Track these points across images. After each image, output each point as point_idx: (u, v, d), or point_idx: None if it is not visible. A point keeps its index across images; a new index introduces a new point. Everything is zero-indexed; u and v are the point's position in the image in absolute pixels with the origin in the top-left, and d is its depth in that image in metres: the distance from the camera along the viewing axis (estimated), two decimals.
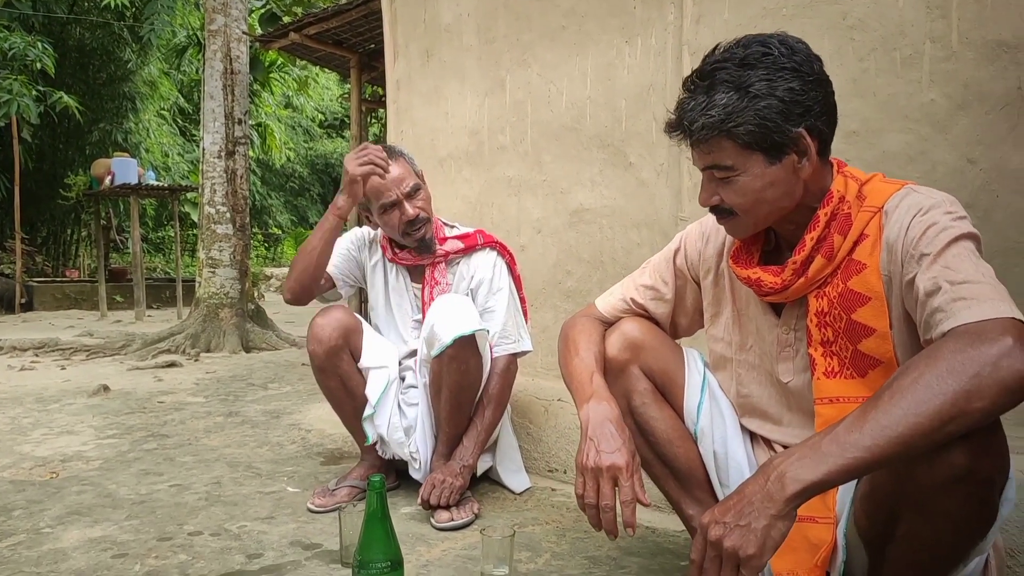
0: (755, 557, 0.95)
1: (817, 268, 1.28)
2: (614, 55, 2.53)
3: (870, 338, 1.25)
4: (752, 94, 1.19)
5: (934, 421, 0.93)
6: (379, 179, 2.16)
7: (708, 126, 1.22)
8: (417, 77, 3.34)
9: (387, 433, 2.23)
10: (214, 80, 6.75)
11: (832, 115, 1.28)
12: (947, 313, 1.05)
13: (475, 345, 2.09)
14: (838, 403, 1.28)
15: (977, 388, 0.93)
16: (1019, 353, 0.94)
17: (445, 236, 2.37)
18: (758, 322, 1.44)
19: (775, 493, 0.96)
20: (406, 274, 2.39)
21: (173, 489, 2.40)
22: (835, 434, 0.97)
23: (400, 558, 1.43)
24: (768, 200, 1.26)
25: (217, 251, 6.74)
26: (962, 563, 1.15)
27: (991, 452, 1.01)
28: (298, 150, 21.45)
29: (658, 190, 2.43)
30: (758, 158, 1.23)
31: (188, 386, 4.54)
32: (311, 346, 2.22)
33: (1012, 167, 1.68)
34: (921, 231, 1.17)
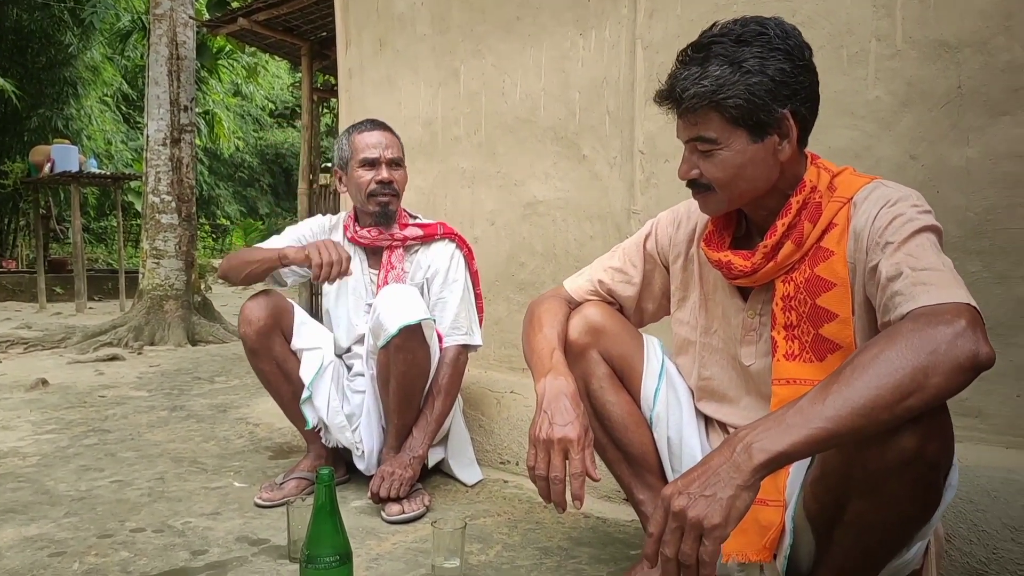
0: (720, 527, 0.95)
1: (786, 253, 1.31)
2: (568, 47, 2.53)
3: (832, 323, 1.28)
4: (745, 69, 1.23)
5: (894, 394, 0.96)
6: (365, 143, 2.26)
7: (699, 95, 1.25)
8: (370, 66, 3.29)
9: (327, 417, 2.21)
10: (159, 66, 6.56)
11: (815, 104, 1.31)
12: (907, 296, 1.09)
13: (422, 335, 2.08)
14: (794, 384, 1.31)
15: (933, 364, 0.96)
16: (972, 335, 0.99)
17: (407, 222, 2.36)
18: (725, 306, 1.47)
19: (742, 463, 0.97)
20: (364, 257, 2.37)
21: (114, 485, 2.33)
22: (799, 407, 0.99)
23: (349, 552, 1.41)
24: (746, 177, 1.29)
25: (162, 241, 6.57)
26: (905, 547, 1.19)
27: (938, 436, 1.05)
28: (247, 139, 21.02)
29: (611, 183, 2.44)
30: (742, 134, 1.26)
31: (131, 380, 4.42)
32: (242, 329, 2.20)
33: (952, 164, 1.73)
34: (887, 221, 1.21)
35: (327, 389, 2.22)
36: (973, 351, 0.97)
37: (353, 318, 2.35)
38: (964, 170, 1.71)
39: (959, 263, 1.70)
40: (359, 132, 2.31)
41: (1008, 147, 1.65)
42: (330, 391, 2.22)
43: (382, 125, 2.34)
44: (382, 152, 2.26)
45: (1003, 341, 1.67)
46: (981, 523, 1.54)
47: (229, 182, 21.46)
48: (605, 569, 1.72)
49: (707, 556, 0.96)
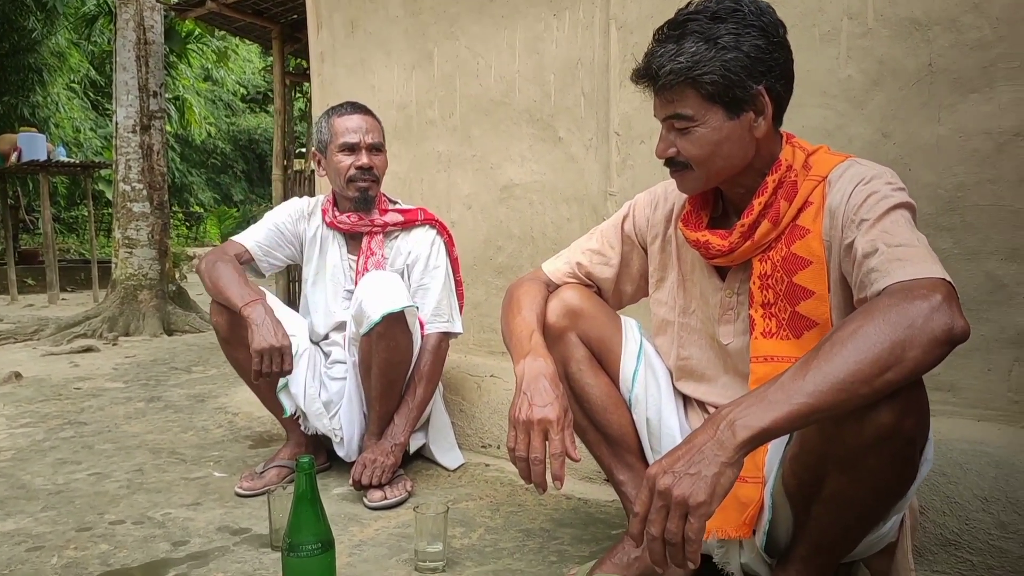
0: (705, 504, 0.96)
1: (763, 232, 1.32)
2: (542, 29, 2.51)
3: (809, 300, 1.30)
4: (720, 45, 1.23)
5: (873, 368, 0.97)
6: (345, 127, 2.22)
7: (675, 71, 1.25)
8: (342, 49, 3.25)
9: (304, 404, 2.20)
10: (127, 51, 6.43)
11: (790, 82, 1.32)
12: (883, 272, 1.10)
13: (404, 322, 2.07)
14: (772, 362, 1.33)
15: (911, 338, 0.98)
16: (947, 309, 1.00)
17: (387, 208, 2.33)
18: (703, 286, 1.48)
19: (726, 441, 0.98)
20: (343, 242, 2.34)
21: (92, 478, 2.31)
22: (780, 383, 0.99)
23: (331, 539, 1.41)
24: (723, 155, 1.30)
25: (134, 230, 6.47)
26: (882, 521, 1.21)
27: (915, 412, 1.06)
28: (219, 125, 20.72)
29: (587, 165, 2.44)
30: (718, 111, 1.27)
31: (106, 371, 4.36)
32: (214, 318, 2.18)
33: (923, 141, 1.75)
34: (862, 199, 1.22)
35: (303, 376, 2.20)
36: (949, 325, 0.99)
37: (331, 304, 2.33)
38: (935, 147, 1.73)
39: (931, 239, 1.72)
40: (339, 115, 2.27)
41: (977, 124, 1.67)
42: (306, 378, 2.21)
43: (362, 108, 2.30)
44: (362, 137, 2.23)
45: (974, 316, 1.69)
46: (954, 495, 1.57)
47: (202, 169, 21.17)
48: (587, 549, 1.73)
49: (693, 533, 0.97)
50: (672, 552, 0.99)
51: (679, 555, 0.98)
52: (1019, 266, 1.64)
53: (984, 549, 1.51)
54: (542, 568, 1.64)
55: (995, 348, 1.68)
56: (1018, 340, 1.65)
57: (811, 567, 1.27)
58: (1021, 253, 1.64)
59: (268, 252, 2.31)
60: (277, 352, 1.94)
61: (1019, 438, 1.63)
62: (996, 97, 1.65)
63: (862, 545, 1.25)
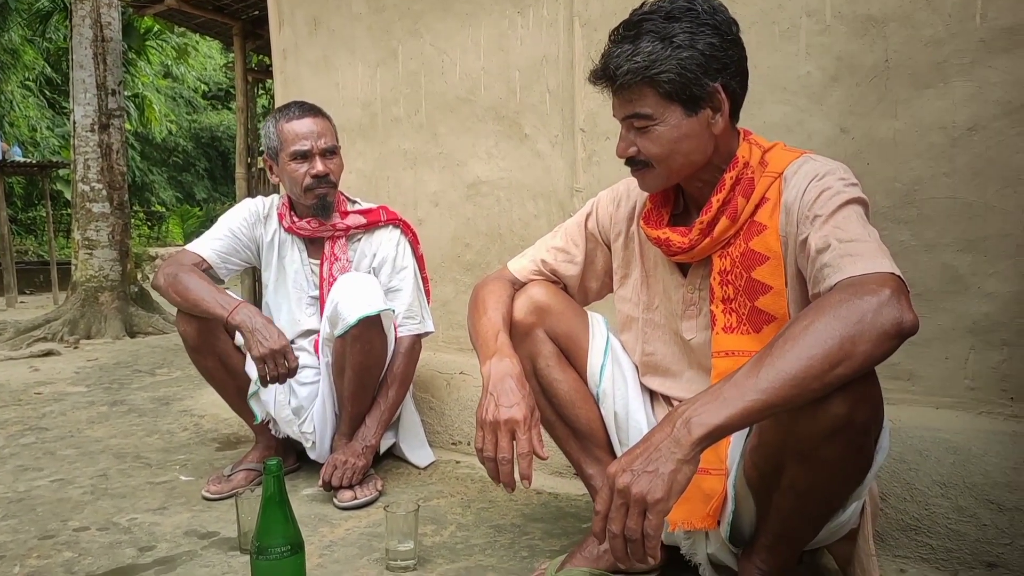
0: (662, 501, 0.98)
1: (722, 229, 1.34)
2: (507, 26, 2.51)
3: (767, 295, 1.32)
4: (676, 44, 1.25)
5: (824, 363, 0.99)
6: (295, 134, 2.12)
7: (633, 71, 1.27)
8: (305, 46, 3.22)
9: (274, 410, 2.18)
10: (83, 48, 6.30)
11: (744, 78, 1.34)
12: (834, 268, 1.12)
13: (380, 325, 2.06)
14: (733, 356, 1.35)
15: (860, 333, 1.00)
16: (896, 303, 1.02)
17: (347, 210, 2.27)
18: (665, 282, 1.50)
19: (681, 438, 0.99)
20: (303, 248, 2.29)
21: (55, 484, 2.27)
22: (734, 380, 1.01)
23: (301, 541, 1.40)
24: (682, 152, 1.32)
25: (94, 231, 6.35)
26: (841, 509, 1.24)
27: (867, 402, 1.09)
28: (180, 123, 20.37)
29: (553, 162, 2.45)
30: (676, 109, 1.29)
31: (68, 375, 4.28)
32: (181, 326, 2.09)
33: (880, 136, 1.78)
34: (816, 195, 1.25)
35: (274, 385, 2.18)
36: (898, 319, 1.01)
37: (296, 312, 2.29)
38: (892, 142, 1.77)
39: (889, 233, 1.77)
40: (287, 120, 2.16)
41: (933, 119, 1.71)
42: (275, 385, 2.18)
43: (311, 110, 2.20)
44: (314, 143, 2.13)
45: (932, 307, 1.73)
46: (914, 481, 1.61)
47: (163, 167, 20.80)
48: (558, 543, 1.75)
49: (652, 530, 0.99)
50: (633, 548, 1.00)
51: (639, 551, 1.00)
52: (974, 257, 1.69)
53: (943, 533, 1.55)
54: (513, 563, 1.65)
55: (952, 337, 1.73)
56: (974, 329, 1.70)
57: (774, 555, 1.30)
58: (976, 244, 1.68)
59: (226, 259, 2.20)
60: (280, 354, 1.89)
61: (976, 425, 1.67)
62: (950, 92, 1.69)
63: (824, 532, 1.28)
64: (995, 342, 1.68)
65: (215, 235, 2.21)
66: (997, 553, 1.49)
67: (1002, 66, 1.62)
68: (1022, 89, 1.61)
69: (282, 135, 2.15)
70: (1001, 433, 1.62)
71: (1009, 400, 1.67)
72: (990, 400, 1.69)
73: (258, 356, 1.88)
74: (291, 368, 1.91)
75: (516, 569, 1.62)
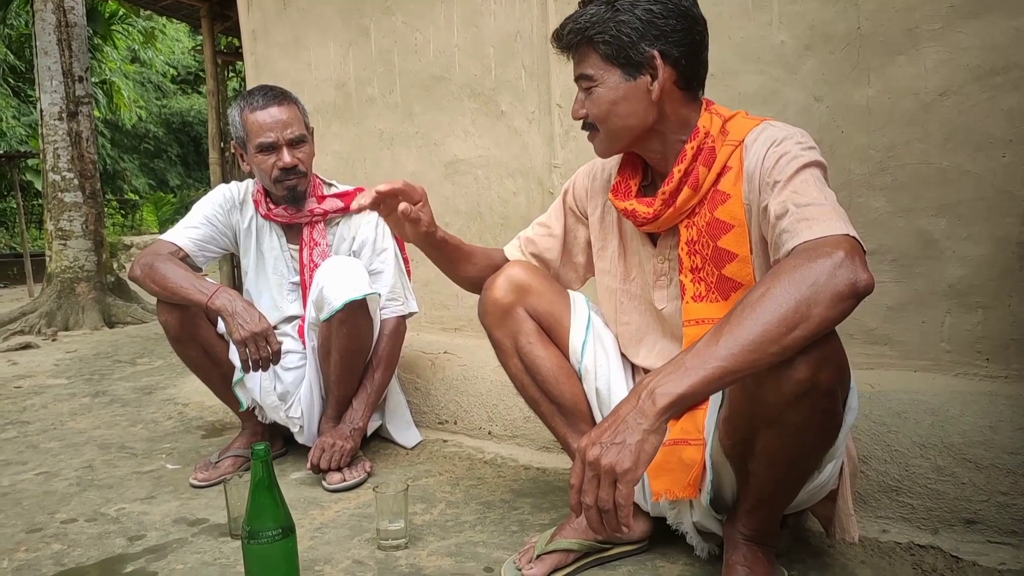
0: (631, 471, 1.00)
1: (684, 198, 1.36)
2: (480, 2, 2.49)
3: (733, 263, 1.34)
4: (616, 8, 1.31)
5: (780, 327, 1.01)
6: (260, 125, 2.06)
7: (574, 31, 1.35)
8: (274, 27, 3.17)
9: (259, 397, 2.17)
10: (47, 34, 6.16)
11: (694, 50, 1.35)
12: (792, 233, 1.14)
13: (366, 309, 2.05)
14: (703, 324, 1.37)
15: (815, 295, 1.01)
16: (849, 264, 1.03)
17: (324, 195, 2.24)
18: (640, 254, 1.52)
19: (647, 409, 1.01)
20: (281, 233, 2.27)
21: (40, 477, 2.25)
22: (696, 350, 1.03)
23: (291, 524, 1.40)
24: (619, 114, 1.35)
25: (67, 221, 6.25)
26: (816, 470, 1.26)
27: (830, 364, 1.10)
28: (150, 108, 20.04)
29: (531, 138, 2.44)
30: (615, 72, 1.34)
31: (47, 368, 4.23)
32: (162, 316, 2.06)
33: (854, 104, 1.79)
34: (774, 161, 1.26)
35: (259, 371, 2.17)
36: (851, 280, 1.02)
37: (277, 299, 2.27)
38: (866, 109, 1.78)
39: (864, 199, 1.79)
40: (251, 110, 2.08)
41: (905, 85, 1.73)
42: (260, 372, 2.17)
43: (276, 97, 2.10)
44: (279, 135, 2.07)
45: (907, 271, 1.76)
46: (893, 443, 1.64)
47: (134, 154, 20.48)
48: (547, 517, 1.77)
49: (622, 499, 1.00)
50: (607, 518, 1.02)
51: (613, 520, 1.02)
52: (948, 221, 1.71)
53: (923, 493, 1.59)
54: (504, 538, 1.67)
55: (928, 301, 1.75)
56: (949, 293, 1.73)
57: (755, 519, 1.33)
58: (949, 209, 1.70)
59: (202, 247, 2.17)
60: (262, 337, 1.87)
61: (953, 386, 1.71)
62: (921, 59, 1.70)
63: (803, 494, 1.30)
64: (970, 305, 1.71)
65: (190, 223, 2.18)
66: (975, 510, 1.53)
67: (972, 31, 1.64)
68: (992, 54, 1.62)
69: (247, 126, 2.09)
70: (977, 393, 1.66)
71: (985, 361, 1.71)
72: (966, 362, 1.73)
73: (239, 339, 1.86)
74: (274, 351, 1.89)
75: (506, 543, 1.64)
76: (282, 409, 2.19)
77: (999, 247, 1.66)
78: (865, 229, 1.79)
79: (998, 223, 1.66)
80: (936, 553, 1.48)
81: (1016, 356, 1.66)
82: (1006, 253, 1.65)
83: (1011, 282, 1.65)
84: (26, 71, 14.71)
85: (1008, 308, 1.67)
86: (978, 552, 1.47)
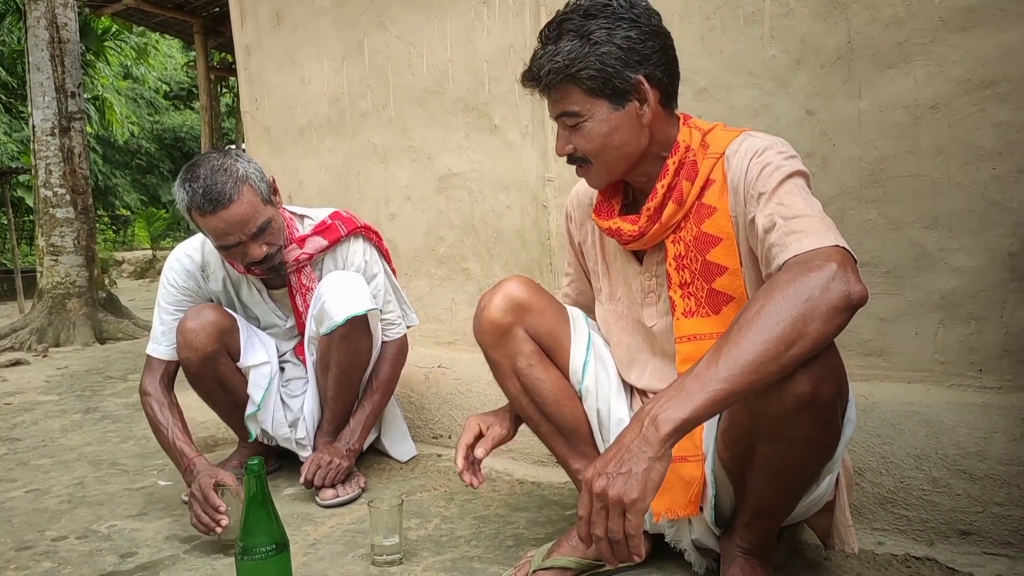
0: (639, 500, 0.99)
1: (670, 213, 1.36)
2: (473, 16, 2.51)
3: (723, 276, 1.34)
4: (593, 41, 1.28)
5: (779, 345, 1.00)
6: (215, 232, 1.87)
7: (554, 71, 1.30)
8: (269, 42, 3.18)
9: (272, 428, 2.17)
10: (40, 51, 6.17)
11: (671, 66, 1.35)
12: (781, 247, 1.14)
13: (367, 325, 2.05)
14: (696, 340, 1.36)
15: (810, 311, 1.01)
16: (842, 276, 1.04)
17: (302, 235, 2.10)
18: (625, 272, 1.51)
19: (651, 436, 1.00)
20: (260, 287, 2.17)
21: (30, 495, 2.23)
22: (695, 372, 1.02)
23: (285, 540, 1.40)
24: (615, 145, 1.34)
25: (59, 237, 6.24)
26: (814, 483, 1.26)
27: (830, 377, 1.10)
28: (143, 124, 20.06)
29: (524, 152, 2.45)
30: (603, 104, 1.31)
31: (38, 384, 4.21)
32: (183, 353, 2.03)
33: (845, 116, 1.81)
34: (757, 171, 1.26)
35: (273, 403, 2.16)
36: (845, 292, 1.03)
37: (278, 343, 2.25)
38: (857, 122, 1.79)
39: (856, 211, 1.80)
40: (200, 213, 1.85)
41: (896, 98, 1.74)
42: (274, 404, 2.16)
43: (224, 202, 1.82)
44: (239, 234, 1.87)
45: (900, 283, 1.77)
46: (888, 455, 1.64)
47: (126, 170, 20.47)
48: (543, 531, 1.76)
49: (632, 529, 1.00)
50: (618, 549, 1.01)
51: (624, 551, 1.01)
52: (940, 233, 1.72)
53: (918, 504, 1.58)
54: (499, 553, 1.66)
55: (921, 312, 1.76)
56: (942, 304, 1.73)
57: (753, 532, 1.32)
58: (941, 220, 1.71)
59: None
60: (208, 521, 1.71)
61: (947, 397, 1.71)
62: (912, 72, 1.71)
63: (801, 506, 1.30)
64: (963, 316, 1.71)
65: (160, 326, 2.11)
66: (970, 521, 1.53)
67: (961, 45, 1.65)
68: (981, 67, 1.64)
69: (200, 226, 1.90)
70: (971, 404, 1.66)
71: (978, 372, 1.71)
72: (960, 373, 1.73)
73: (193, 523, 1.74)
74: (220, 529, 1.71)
75: (502, 559, 1.63)
76: (293, 438, 2.18)
77: (991, 258, 1.67)
78: (857, 241, 1.80)
79: (989, 235, 1.67)
80: (932, 565, 1.48)
81: (1009, 367, 1.67)
82: (998, 264, 1.66)
83: (1003, 293, 1.66)
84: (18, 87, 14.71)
85: (1000, 319, 1.68)
86: (974, 564, 1.47)
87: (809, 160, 1.86)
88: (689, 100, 2.03)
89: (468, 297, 2.69)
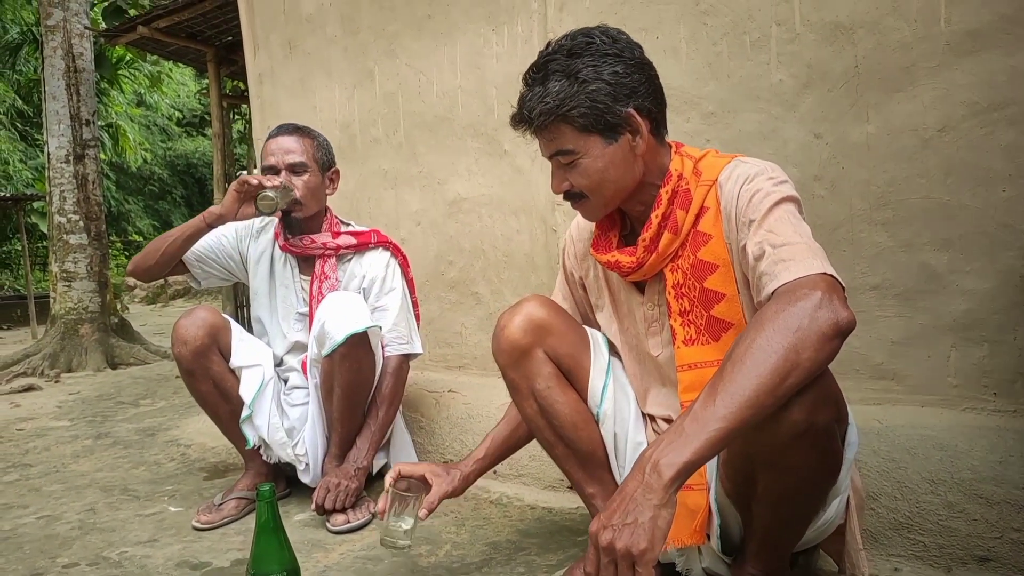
0: (648, 551, 0.96)
1: (666, 243, 1.36)
2: (482, 44, 2.54)
3: (721, 303, 1.34)
4: (581, 79, 1.29)
5: (774, 378, 0.99)
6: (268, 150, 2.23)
7: (545, 112, 1.31)
8: (280, 70, 3.23)
9: (267, 434, 2.16)
10: (56, 80, 6.27)
11: (658, 96, 1.37)
12: (770, 276, 1.14)
13: (368, 343, 2.06)
14: (696, 368, 1.36)
15: (801, 340, 1.01)
16: (829, 304, 1.03)
17: (339, 231, 2.31)
18: (629, 303, 1.52)
19: (654, 483, 0.98)
20: (295, 264, 2.33)
21: (41, 521, 2.23)
22: (693, 414, 1.00)
23: (296, 567, 1.39)
24: (612, 179, 1.35)
25: (72, 263, 6.29)
26: (821, 508, 1.25)
27: (826, 403, 1.10)
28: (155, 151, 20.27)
29: (533, 177, 2.47)
30: (596, 140, 1.32)
31: (50, 410, 4.22)
32: (176, 348, 2.13)
33: (854, 140, 1.81)
34: (748, 198, 1.27)
35: (268, 407, 2.17)
36: (833, 319, 1.02)
37: (284, 327, 2.31)
38: (865, 146, 1.80)
39: (866, 235, 1.80)
40: (269, 137, 2.26)
41: (904, 122, 1.75)
42: (270, 408, 2.17)
43: (291, 129, 2.27)
44: (280, 158, 2.20)
45: (912, 306, 1.76)
46: (903, 479, 1.62)
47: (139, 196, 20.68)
48: (555, 557, 1.74)
49: None
50: None
51: None
52: (951, 255, 1.72)
53: (934, 530, 1.56)
54: None
55: (933, 336, 1.75)
56: (954, 327, 1.73)
57: (763, 560, 1.31)
58: (952, 243, 1.71)
59: (201, 258, 2.30)
60: (243, 182, 2.08)
61: (961, 421, 1.70)
62: (919, 95, 1.72)
63: (812, 532, 1.28)
64: (975, 339, 1.70)
65: (204, 241, 2.29)
66: (988, 547, 1.51)
67: (968, 68, 1.66)
68: (989, 90, 1.64)
69: (262, 151, 2.26)
70: (986, 428, 1.65)
71: (992, 395, 1.70)
72: (973, 396, 1.72)
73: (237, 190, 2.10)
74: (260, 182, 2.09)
75: None
76: (289, 446, 2.18)
77: (1003, 281, 1.66)
78: (868, 264, 1.80)
79: (1000, 257, 1.66)
80: None
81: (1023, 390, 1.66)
82: (1009, 287, 1.66)
83: (1016, 315, 1.65)
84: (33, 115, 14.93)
85: (1014, 342, 1.66)
86: None
87: (818, 183, 1.87)
88: (697, 124, 2.05)
89: (478, 321, 2.69)
